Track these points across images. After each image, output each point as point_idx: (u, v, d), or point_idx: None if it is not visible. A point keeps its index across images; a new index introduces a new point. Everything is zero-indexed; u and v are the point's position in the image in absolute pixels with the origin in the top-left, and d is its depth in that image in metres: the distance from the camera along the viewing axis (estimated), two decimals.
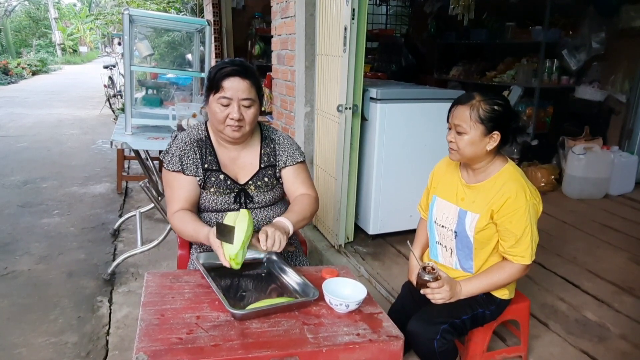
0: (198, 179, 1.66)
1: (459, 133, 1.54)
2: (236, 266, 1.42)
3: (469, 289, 1.61)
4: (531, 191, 1.57)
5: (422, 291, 1.59)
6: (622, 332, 2.13)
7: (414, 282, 1.68)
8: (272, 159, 1.75)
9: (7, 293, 2.61)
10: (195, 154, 1.67)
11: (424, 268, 1.58)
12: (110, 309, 2.49)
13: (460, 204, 1.65)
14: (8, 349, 2.14)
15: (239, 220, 1.44)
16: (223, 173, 1.69)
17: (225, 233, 1.42)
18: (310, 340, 1.23)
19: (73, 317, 2.40)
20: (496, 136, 1.53)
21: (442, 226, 1.70)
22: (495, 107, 1.51)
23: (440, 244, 1.73)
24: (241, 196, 1.70)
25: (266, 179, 1.73)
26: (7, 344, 2.17)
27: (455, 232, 1.65)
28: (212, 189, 1.67)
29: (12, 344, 2.17)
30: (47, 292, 2.63)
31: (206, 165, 1.67)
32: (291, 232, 1.56)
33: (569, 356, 1.97)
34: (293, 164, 1.77)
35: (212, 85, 1.60)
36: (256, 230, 1.52)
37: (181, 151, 1.66)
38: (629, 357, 1.96)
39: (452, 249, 1.69)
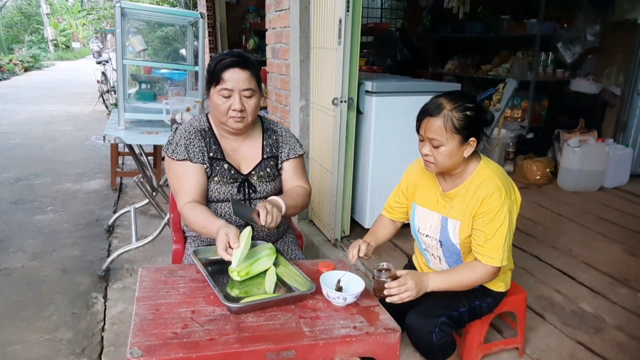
0: (205, 166, 1.65)
1: (435, 147, 1.47)
2: (237, 277, 1.42)
3: (437, 283, 1.50)
4: (507, 190, 1.50)
5: (387, 299, 1.41)
6: (618, 323, 2.14)
7: (351, 256, 1.55)
8: (274, 150, 1.77)
9: (1, 290, 2.58)
10: (201, 142, 1.66)
11: (379, 270, 1.45)
12: (105, 305, 2.47)
13: (441, 211, 1.60)
14: (2, 346, 2.12)
15: (242, 237, 1.43)
16: (227, 162, 1.69)
17: (241, 210, 1.49)
18: (306, 334, 1.22)
19: (68, 314, 2.39)
20: (473, 142, 1.48)
21: (427, 235, 1.66)
22: (468, 113, 1.44)
23: (427, 251, 1.72)
24: (244, 186, 1.70)
25: (268, 170, 1.75)
26: (1, 341, 2.15)
27: (440, 241, 1.62)
28: (216, 178, 1.67)
29: (7, 341, 2.15)
30: (41, 289, 2.61)
31: (211, 154, 1.67)
32: (283, 212, 1.57)
33: (566, 347, 1.97)
34: (294, 157, 1.79)
35: (213, 77, 1.60)
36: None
37: (186, 140, 1.65)
38: (625, 348, 1.97)
39: (439, 257, 1.68)
